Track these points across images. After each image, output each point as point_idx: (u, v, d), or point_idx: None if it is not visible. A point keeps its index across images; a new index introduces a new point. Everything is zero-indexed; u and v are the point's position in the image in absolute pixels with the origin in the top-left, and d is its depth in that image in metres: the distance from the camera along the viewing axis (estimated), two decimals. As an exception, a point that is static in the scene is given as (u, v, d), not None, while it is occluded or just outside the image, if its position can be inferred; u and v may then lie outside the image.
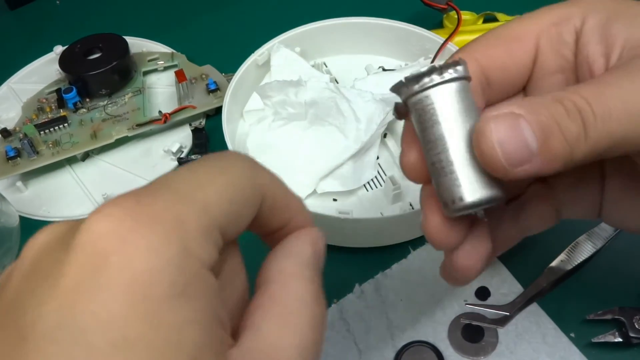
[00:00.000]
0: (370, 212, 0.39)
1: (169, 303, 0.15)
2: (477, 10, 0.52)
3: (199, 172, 0.18)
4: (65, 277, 0.15)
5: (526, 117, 0.19)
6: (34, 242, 0.17)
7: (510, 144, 0.19)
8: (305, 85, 0.38)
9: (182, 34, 0.56)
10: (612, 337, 0.32)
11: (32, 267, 0.16)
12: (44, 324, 0.14)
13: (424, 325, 0.34)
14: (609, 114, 0.19)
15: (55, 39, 0.54)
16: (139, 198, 0.16)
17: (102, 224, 0.15)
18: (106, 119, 0.46)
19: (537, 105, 0.19)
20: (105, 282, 0.14)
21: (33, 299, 0.15)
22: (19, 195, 0.44)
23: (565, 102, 0.19)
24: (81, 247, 0.15)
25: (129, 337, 0.14)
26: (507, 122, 0.19)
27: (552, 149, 0.19)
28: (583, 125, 0.19)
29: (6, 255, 0.38)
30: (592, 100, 0.19)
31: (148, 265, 0.15)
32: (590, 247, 0.36)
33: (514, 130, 0.19)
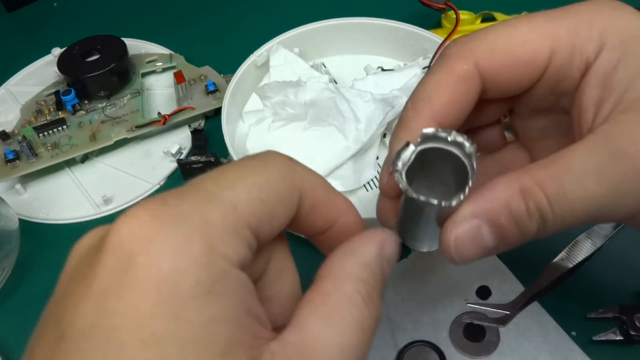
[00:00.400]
0: (370, 212, 0.39)
1: (195, 301, 0.15)
2: (475, 9, 0.52)
3: (229, 172, 0.18)
4: (97, 278, 0.16)
5: (487, 221, 0.20)
6: (77, 247, 0.18)
7: (468, 250, 0.21)
8: (304, 85, 0.38)
9: (180, 35, 0.56)
10: (613, 335, 0.32)
11: (72, 271, 0.17)
12: (80, 323, 0.15)
13: (425, 324, 0.34)
14: (569, 214, 0.20)
15: (53, 41, 0.54)
16: (166, 199, 0.16)
17: (129, 226, 0.16)
18: (105, 121, 0.46)
19: (500, 205, 0.20)
20: (133, 283, 0.15)
21: (71, 300, 0.16)
22: (18, 198, 0.44)
23: (528, 201, 0.20)
24: (110, 249, 0.16)
25: (158, 334, 0.15)
26: (467, 230, 0.20)
27: (508, 243, 0.21)
28: (542, 224, 0.20)
29: (6, 258, 0.38)
30: (553, 201, 0.20)
31: (173, 265, 0.15)
32: (590, 246, 0.36)
33: (473, 238, 0.20)
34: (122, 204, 0.43)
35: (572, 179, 0.20)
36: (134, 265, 0.15)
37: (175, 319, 0.15)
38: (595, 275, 0.35)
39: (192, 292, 0.15)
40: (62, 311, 0.16)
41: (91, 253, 0.17)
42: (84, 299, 0.15)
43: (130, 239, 0.16)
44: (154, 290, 0.15)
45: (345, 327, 0.18)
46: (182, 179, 0.44)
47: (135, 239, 0.16)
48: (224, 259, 0.16)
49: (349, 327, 0.18)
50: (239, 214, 0.17)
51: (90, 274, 0.16)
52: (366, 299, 0.19)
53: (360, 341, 0.18)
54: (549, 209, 0.20)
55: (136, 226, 0.16)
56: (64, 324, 0.15)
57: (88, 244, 0.17)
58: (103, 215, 0.42)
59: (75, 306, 0.16)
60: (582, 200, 0.19)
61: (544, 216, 0.20)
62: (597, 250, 0.35)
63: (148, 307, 0.15)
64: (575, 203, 0.19)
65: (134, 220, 0.16)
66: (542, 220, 0.20)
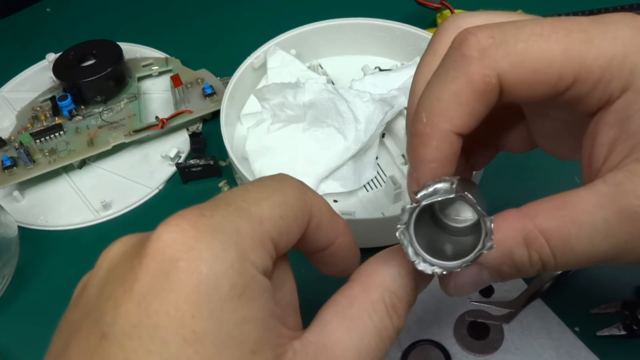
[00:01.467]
0: (371, 213, 0.39)
1: (231, 303, 0.17)
2: (470, 8, 0.52)
3: (254, 190, 0.20)
4: (139, 281, 0.17)
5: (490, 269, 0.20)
6: (107, 254, 0.19)
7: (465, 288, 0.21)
8: (303, 87, 0.38)
9: (176, 38, 0.56)
10: (616, 330, 0.33)
11: (107, 275, 0.18)
12: (122, 323, 0.16)
13: (429, 324, 0.34)
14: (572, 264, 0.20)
15: (47, 47, 0.54)
16: (202, 211, 0.18)
17: (170, 234, 0.17)
18: (102, 126, 0.46)
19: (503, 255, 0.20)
20: (175, 285, 0.16)
21: (110, 302, 0.17)
22: (16, 205, 0.43)
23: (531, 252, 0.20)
24: (152, 255, 0.17)
25: (197, 332, 0.16)
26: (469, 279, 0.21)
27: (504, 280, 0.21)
28: (542, 270, 0.20)
29: (6, 265, 0.38)
30: (558, 253, 0.19)
31: (212, 269, 0.17)
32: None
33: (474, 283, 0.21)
34: (121, 209, 0.43)
35: (580, 234, 0.19)
36: (176, 269, 0.17)
37: (213, 319, 0.16)
38: (597, 272, 0.35)
39: (228, 294, 0.17)
40: (100, 313, 0.17)
41: (128, 259, 0.18)
42: (126, 301, 0.16)
43: (172, 245, 0.17)
44: (194, 293, 0.16)
45: (365, 333, 0.19)
46: (181, 183, 0.44)
47: (176, 245, 0.17)
48: (254, 266, 0.18)
49: (368, 334, 0.19)
50: (264, 228, 0.19)
51: (130, 278, 0.17)
52: (390, 310, 0.20)
53: (378, 347, 0.19)
54: (552, 259, 0.20)
55: (177, 234, 0.17)
56: (104, 324, 0.16)
57: (121, 251, 0.19)
58: (103, 221, 0.42)
59: (116, 307, 0.17)
60: (587, 254, 0.20)
61: (545, 264, 0.20)
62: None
63: (189, 307, 0.16)
64: (580, 256, 0.20)
65: (175, 229, 0.17)
66: (543, 267, 0.20)
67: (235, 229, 0.18)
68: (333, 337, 0.19)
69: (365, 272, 0.21)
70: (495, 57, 0.20)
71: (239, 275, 0.17)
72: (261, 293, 0.18)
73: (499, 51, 0.20)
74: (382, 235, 0.37)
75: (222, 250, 0.17)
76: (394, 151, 0.41)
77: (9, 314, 0.38)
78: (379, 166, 0.41)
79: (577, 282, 0.35)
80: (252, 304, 0.17)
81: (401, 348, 0.33)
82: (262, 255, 0.18)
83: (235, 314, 0.17)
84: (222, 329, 0.16)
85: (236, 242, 0.17)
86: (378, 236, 0.37)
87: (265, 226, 0.19)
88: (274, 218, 0.19)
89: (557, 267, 0.20)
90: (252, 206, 0.19)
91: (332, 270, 0.24)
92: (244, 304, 0.17)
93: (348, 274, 0.24)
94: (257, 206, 0.19)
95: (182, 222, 0.17)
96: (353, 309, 0.19)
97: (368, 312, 0.19)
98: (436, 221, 0.22)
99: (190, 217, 0.18)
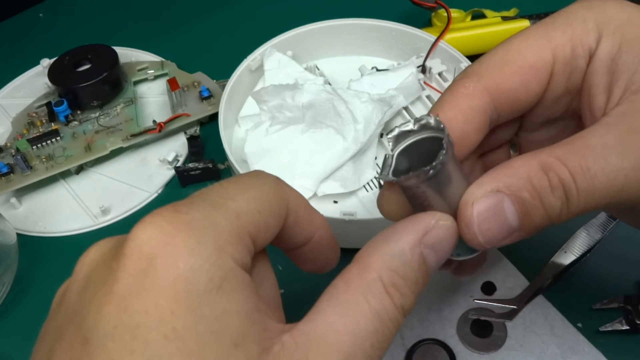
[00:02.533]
0: (372, 213, 0.39)
1: (209, 296, 0.17)
2: (465, 7, 0.53)
3: (230, 186, 0.20)
4: (118, 282, 0.17)
5: (509, 195, 0.19)
6: (84, 260, 0.19)
7: (491, 228, 0.20)
8: (301, 88, 0.38)
9: (171, 42, 0.55)
10: (619, 325, 0.33)
11: (87, 280, 0.18)
12: (104, 325, 0.16)
13: (433, 323, 0.34)
14: (592, 189, 0.19)
15: (41, 52, 0.53)
16: (177, 208, 0.18)
17: (146, 231, 0.17)
18: (99, 131, 0.46)
19: (521, 179, 0.19)
20: (153, 283, 0.16)
21: (91, 306, 0.17)
22: (14, 212, 0.43)
23: (550, 175, 0.19)
24: (129, 254, 0.17)
25: (178, 329, 0.16)
26: (489, 205, 0.20)
27: (533, 223, 0.20)
28: (566, 201, 0.19)
29: (5, 273, 0.38)
30: (576, 175, 0.19)
31: (189, 263, 0.17)
32: (591, 237, 0.36)
33: (496, 213, 0.20)
34: (120, 214, 0.42)
35: (594, 153, 0.19)
36: (153, 266, 0.17)
37: (192, 314, 0.16)
38: (598, 267, 0.36)
39: (206, 287, 0.17)
40: (82, 317, 0.17)
41: (106, 261, 0.18)
42: (106, 303, 0.16)
43: (148, 243, 0.17)
44: (172, 288, 0.16)
45: (360, 316, 0.18)
46: (180, 187, 0.44)
47: (152, 242, 0.17)
48: (232, 258, 0.18)
49: (365, 316, 0.18)
50: (241, 222, 0.18)
51: (110, 280, 0.17)
52: (390, 289, 0.18)
53: (377, 330, 0.18)
54: (572, 183, 0.19)
55: (153, 231, 0.17)
56: (86, 328, 0.16)
57: (98, 255, 0.19)
58: (102, 226, 0.42)
59: (97, 311, 0.16)
60: (607, 175, 0.19)
61: (567, 190, 0.19)
62: (597, 243, 0.36)
63: (168, 304, 0.16)
64: (599, 177, 0.19)
65: (150, 226, 0.17)
66: (566, 196, 0.19)
67: (212, 223, 0.18)
68: (326, 324, 0.18)
69: (364, 252, 0.19)
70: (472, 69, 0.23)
71: (216, 268, 0.17)
72: (241, 285, 0.17)
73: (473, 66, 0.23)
74: (383, 235, 0.38)
75: (198, 244, 0.17)
76: None
77: (10, 322, 0.38)
78: (378, 166, 0.41)
79: (579, 278, 0.35)
80: (231, 296, 0.17)
81: (405, 347, 0.33)
82: (240, 249, 0.18)
83: (215, 307, 0.16)
84: (202, 323, 0.16)
85: (213, 236, 0.17)
86: (379, 236, 0.38)
87: (242, 220, 0.18)
88: (251, 212, 0.19)
89: (580, 197, 0.19)
90: (228, 201, 0.19)
91: (312, 266, 0.24)
92: (223, 296, 0.17)
93: (329, 269, 0.24)
94: (233, 200, 0.19)
95: (157, 220, 0.17)
96: (349, 292, 0.18)
97: (364, 293, 0.18)
98: None
99: (166, 214, 0.17)
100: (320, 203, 0.40)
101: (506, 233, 0.20)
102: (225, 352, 0.16)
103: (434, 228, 0.19)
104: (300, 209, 0.21)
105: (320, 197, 0.40)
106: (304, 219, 0.21)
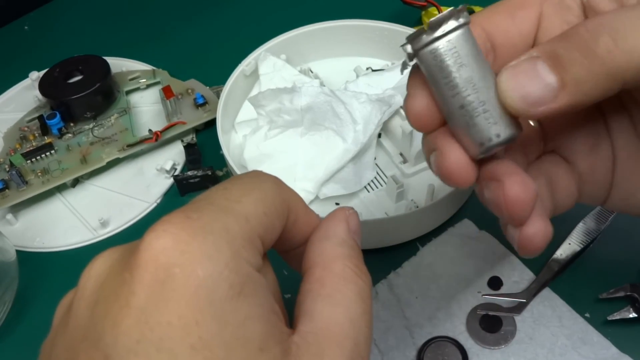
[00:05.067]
0: (374, 213, 0.39)
1: (231, 302, 0.16)
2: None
3: (234, 189, 0.19)
4: (135, 294, 0.16)
5: (542, 56, 0.19)
6: (90, 273, 0.18)
7: (530, 87, 0.19)
8: (299, 91, 0.38)
9: (161, 49, 0.55)
10: (626, 313, 0.33)
11: (97, 294, 0.17)
12: (125, 341, 0.15)
13: (442, 320, 0.34)
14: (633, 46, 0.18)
15: (29, 65, 0.53)
16: (187, 214, 0.17)
17: (160, 240, 0.17)
18: (94, 142, 0.45)
19: (555, 40, 0.20)
20: (173, 293, 0.16)
21: (107, 321, 0.16)
22: (10, 228, 0.42)
23: (588, 23, 0.19)
24: (144, 265, 0.16)
25: (204, 338, 0.16)
26: (524, 66, 0.19)
27: (573, 75, 0.19)
28: (605, 47, 0.19)
29: (7, 291, 0.37)
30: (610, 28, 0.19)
31: (208, 271, 0.16)
32: (593, 228, 0.36)
33: (529, 73, 0.19)
34: (120, 226, 0.42)
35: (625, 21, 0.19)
36: (171, 276, 0.16)
37: (217, 322, 0.16)
38: (602, 257, 0.36)
39: (227, 294, 0.16)
40: (98, 334, 0.16)
41: (117, 273, 0.17)
42: (124, 317, 0.16)
43: (163, 252, 0.16)
44: (194, 297, 0.16)
45: (348, 302, 0.19)
46: (179, 196, 0.43)
47: (168, 252, 0.16)
48: (247, 263, 0.18)
49: (352, 301, 0.19)
50: (251, 225, 0.18)
51: (124, 292, 0.16)
52: (356, 271, 0.20)
53: (364, 310, 0.20)
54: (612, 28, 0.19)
55: (167, 240, 0.17)
56: (105, 345, 0.16)
57: (105, 267, 0.18)
58: (102, 239, 0.41)
59: (115, 326, 0.16)
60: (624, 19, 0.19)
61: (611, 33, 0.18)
62: (599, 233, 0.36)
63: (191, 313, 0.16)
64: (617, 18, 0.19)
65: (164, 235, 0.17)
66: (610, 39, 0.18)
67: (224, 228, 0.17)
68: (324, 319, 0.19)
69: (315, 254, 0.21)
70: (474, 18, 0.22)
71: (235, 274, 0.17)
72: (259, 289, 0.18)
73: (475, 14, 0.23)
74: (388, 236, 0.38)
75: (215, 250, 0.17)
76: (392, 150, 0.41)
77: (12, 341, 0.37)
78: (377, 166, 0.41)
79: (584, 269, 0.36)
80: (251, 301, 0.17)
81: (416, 346, 0.33)
82: (253, 252, 0.18)
83: (238, 313, 0.16)
84: (227, 330, 0.16)
85: (227, 241, 0.17)
86: (383, 237, 0.38)
87: (252, 223, 0.18)
88: (259, 215, 0.19)
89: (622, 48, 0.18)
90: (235, 204, 0.18)
91: None
92: (244, 301, 0.17)
93: None
94: (240, 203, 0.18)
95: (169, 227, 0.17)
96: (327, 288, 0.19)
97: (341, 283, 0.20)
98: None
99: (177, 221, 0.17)
100: (322, 206, 0.40)
101: (545, 91, 0.19)
102: (252, 357, 0.16)
103: (351, 217, 0.22)
104: (300, 208, 0.21)
105: (322, 200, 0.40)
106: (303, 218, 0.21)
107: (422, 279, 0.36)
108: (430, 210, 0.36)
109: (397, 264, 0.37)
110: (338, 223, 0.21)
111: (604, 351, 0.32)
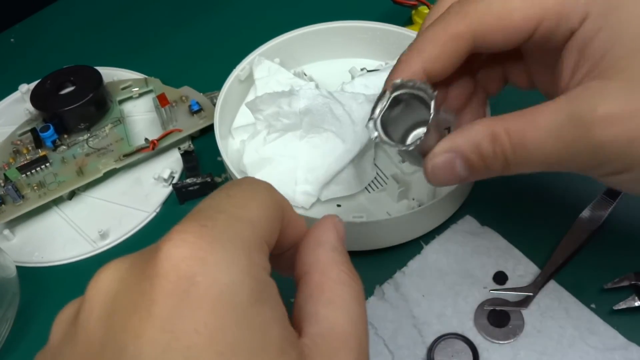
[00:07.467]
0: (376, 214, 0.39)
1: (253, 308, 0.17)
2: None
3: (237, 195, 0.20)
4: (157, 304, 0.16)
5: (461, 156, 0.25)
6: (97, 285, 0.18)
7: (444, 176, 0.26)
8: (297, 94, 0.38)
9: (152, 57, 0.54)
10: (632, 302, 0.33)
11: (110, 307, 0.17)
12: (150, 351, 0.15)
13: (450, 317, 0.35)
14: (527, 160, 0.24)
15: (18, 78, 0.52)
16: (201, 222, 0.18)
17: (179, 249, 0.17)
18: (90, 153, 0.45)
19: (473, 144, 0.25)
20: (198, 301, 0.16)
21: (128, 334, 0.16)
22: (8, 244, 0.42)
23: (495, 144, 0.25)
24: (164, 274, 0.16)
25: (230, 344, 0.16)
26: (443, 163, 0.26)
27: (477, 175, 0.26)
28: (506, 165, 0.25)
29: (9, 308, 0.36)
30: (516, 148, 0.24)
31: (230, 278, 0.17)
32: (595, 218, 0.37)
33: (448, 169, 0.26)
34: (120, 237, 0.41)
35: (534, 134, 0.24)
36: (194, 285, 0.16)
37: (241, 328, 0.16)
38: (605, 247, 0.36)
39: (249, 300, 0.17)
40: (118, 347, 0.16)
41: (132, 284, 0.17)
42: (147, 328, 0.16)
43: (184, 261, 0.17)
44: (218, 305, 0.16)
45: (348, 305, 0.20)
46: (177, 204, 0.43)
47: (189, 261, 0.17)
48: (262, 268, 0.18)
49: (350, 304, 0.20)
50: (258, 231, 0.19)
51: (144, 303, 0.16)
52: (350, 275, 0.21)
53: (361, 311, 0.21)
54: (511, 154, 0.24)
55: (185, 249, 0.17)
56: (129, 356, 0.16)
57: (115, 277, 0.18)
58: (102, 251, 0.41)
59: (137, 337, 0.16)
60: (539, 153, 0.24)
61: (506, 158, 0.25)
62: (602, 223, 0.36)
63: (216, 321, 0.16)
64: (532, 154, 0.24)
65: (182, 244, 0.17)
66: (505, 162, 0.25)
67: (238, 235, 0.18)
68: (328, 322, 0.19)
69: (310, 261, 0.21)
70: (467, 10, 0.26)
71: (253, 280, 0.17)
72: (274, 294, 0.18)
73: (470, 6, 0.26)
74: (390, 236, 0.38)
75: (234, 258, 0.17)
76: (391, 150, 0.41)
77: (16, 358, 0.36)
78: (377, 167, 0.41)
79: (587, 260, 0.36)
80: (270, 305, 0.18)
81: (425, 344, 0.34)
82: (263, 258, 0.19)
83: (259, 318, 0.17)
84: (251, 335, 0.16)
85: (243, 248, 0.18)
86: (387, 236, 0.38)
87: (259, 229, 0.19)
88: (263, 220, 0.19)
89: (516, 163, 0.25)
90: (243, 210, 0.19)
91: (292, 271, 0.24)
92: (263, 306, 0.17)
93: None
94: (247, 210, 0.19)
95: (187, 237, 0.17)
96: (326, 293, 0.20)
97: (339, 288, 0.20)
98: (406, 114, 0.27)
99: (193, 230, 0.17)
100: (323, 208, 0.40)
101: (454, 180, 0.26)
102: None
103: (337, 223, 0.23)
104: (290, 212, 0.22)
105: (324, 202, 0.40)
106: (293, 222, 0.22)
107: (427, 277, 0.36)
108: (432, 208, 0.36)
109: (402, 263, 0.37)
110: (328, 230, 0.22)
111: (611, 340, 0.33)
